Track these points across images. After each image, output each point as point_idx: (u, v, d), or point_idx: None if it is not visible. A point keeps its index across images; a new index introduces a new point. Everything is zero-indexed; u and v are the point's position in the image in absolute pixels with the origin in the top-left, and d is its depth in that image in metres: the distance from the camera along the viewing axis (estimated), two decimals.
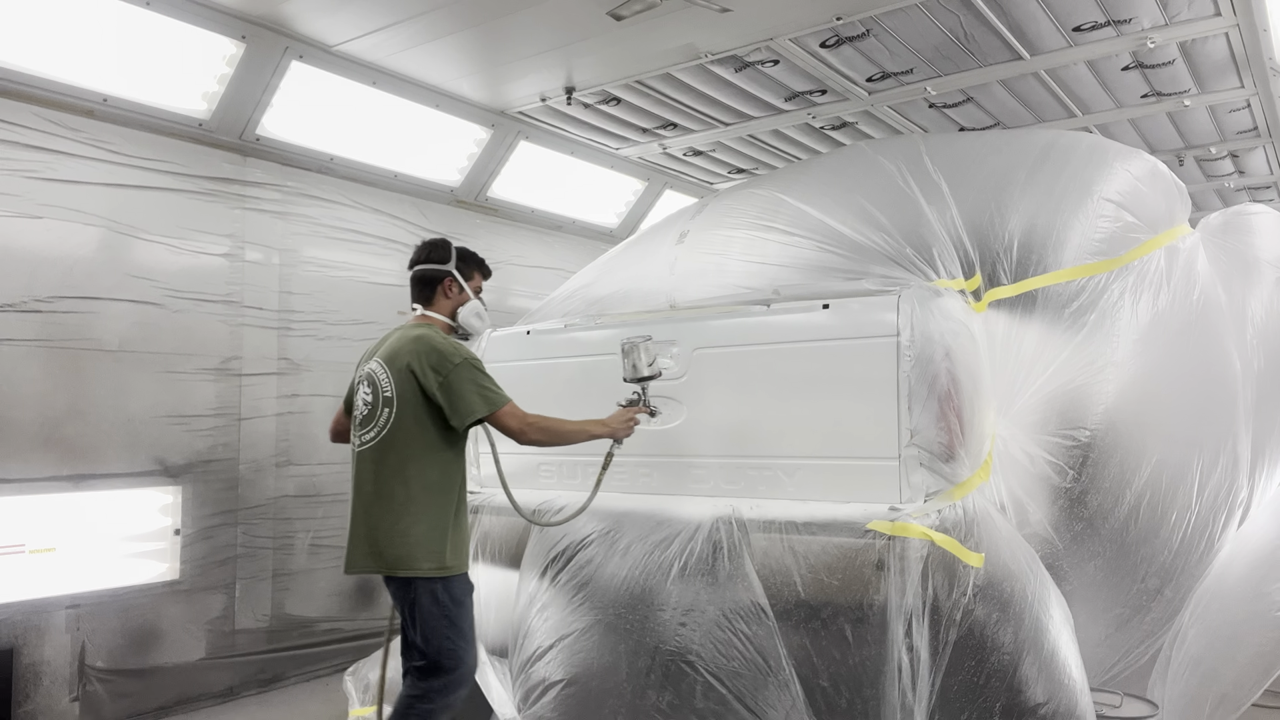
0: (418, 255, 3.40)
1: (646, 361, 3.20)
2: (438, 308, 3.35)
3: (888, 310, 2.95)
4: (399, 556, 3.04)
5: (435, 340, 3.13)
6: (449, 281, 3.35)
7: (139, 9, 4.24)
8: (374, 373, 3.17)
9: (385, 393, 3.11)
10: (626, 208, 7.55)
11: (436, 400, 3.05)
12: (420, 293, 3.37)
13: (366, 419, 3.15)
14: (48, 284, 4.24)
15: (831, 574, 2.83)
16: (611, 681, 3.17)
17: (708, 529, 3.11)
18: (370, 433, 3.13)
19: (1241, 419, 3.66)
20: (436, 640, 3.06)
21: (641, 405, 3.28)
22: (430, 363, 3.06)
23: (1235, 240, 4.08)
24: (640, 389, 3.27)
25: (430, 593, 3.05)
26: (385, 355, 3.18)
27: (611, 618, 3.20)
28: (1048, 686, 2.74)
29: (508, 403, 3.10)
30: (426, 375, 3.05)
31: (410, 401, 3.07)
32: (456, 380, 3.04)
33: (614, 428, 3.23)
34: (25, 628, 4.15)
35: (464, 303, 3.37)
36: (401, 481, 3.05)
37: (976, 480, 2.90)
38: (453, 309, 3.36)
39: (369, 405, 3.15)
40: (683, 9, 4.44)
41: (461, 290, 3.37)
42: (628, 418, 3.25)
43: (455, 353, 3.09)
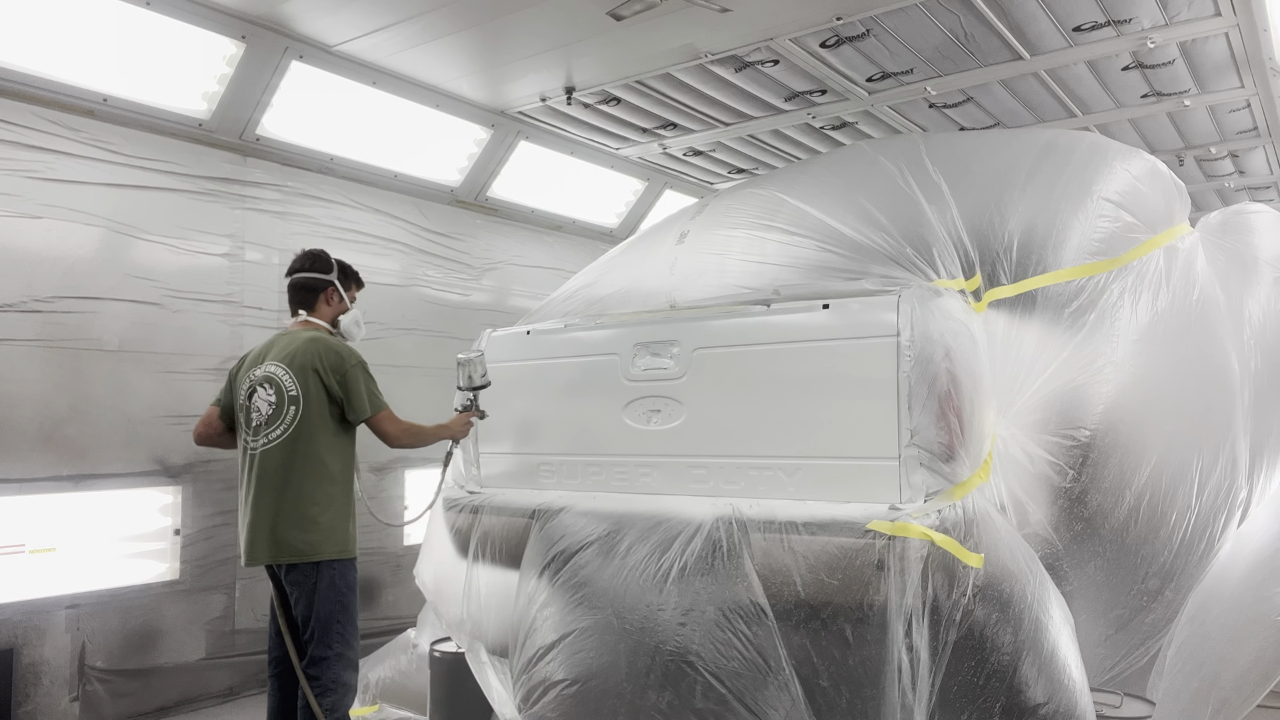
0: (299, 264, 3.65)
1: (480, 373, 3.63)
2: (320, 314, 3.63)
3: (888, 310, 2.94)
4: (309, 543, 3.30)
5: (331, 342, 3.46)
6: (330, 290, 3.65)
7: (139, 9, 4.25)
8: (275, 375, 3.39)
9: (290, 392, 3.36)
10: (626, 208, 7.56)
11: (338, 396, 3.38)
12: (303, 299, 3.62)
13: (272, 418, 3.36)
14: (48, 284, 4.25)
15: (831, 574, 2.83)
16: (612, 681, 3.17)
17: (708, 529, 3.11)
18: (277, 430, 3.34)
19: (1240, 419, 3.66)
20: (329, 624, 3.32)
21: (474, 410, 3.67)
22: (330, 364, 3.38)
23: (1234, 240, 4.08)
24: (472, 396, 3.66)
25: (330, 577, 3.33)
26: (282, 358, 3.41)
27: (612, 618, 3.20)
28: (1048, 687, 2.74)
29: (385, 408, 3.47)
30: (328, 374, 3.37)
31: (315, 398, 3.35)
32: (352, 380, 3.39)
33: (455, 430, 3.65)
34: (25, 628, 4.15)
35: (344, 311, 3.70)
36: (311, 473, 3.32)
37: (976, 480, 2.90)
38: (334, 316, 3.66)
39: (273, 405, 3.36)
40: (683, 9, 4.44)
41: (341, 299, 3.68)
42: (464, 421, 3.66)
43: (350, 355, 3.45)
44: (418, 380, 5.88)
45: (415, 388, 5.86)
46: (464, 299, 6.32)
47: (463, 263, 6.33)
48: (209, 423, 3.62)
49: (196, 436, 3.68)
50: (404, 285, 5.94)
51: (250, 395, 3.43)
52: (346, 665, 3.36)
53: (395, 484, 5.80)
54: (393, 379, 5.76)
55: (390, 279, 5.85)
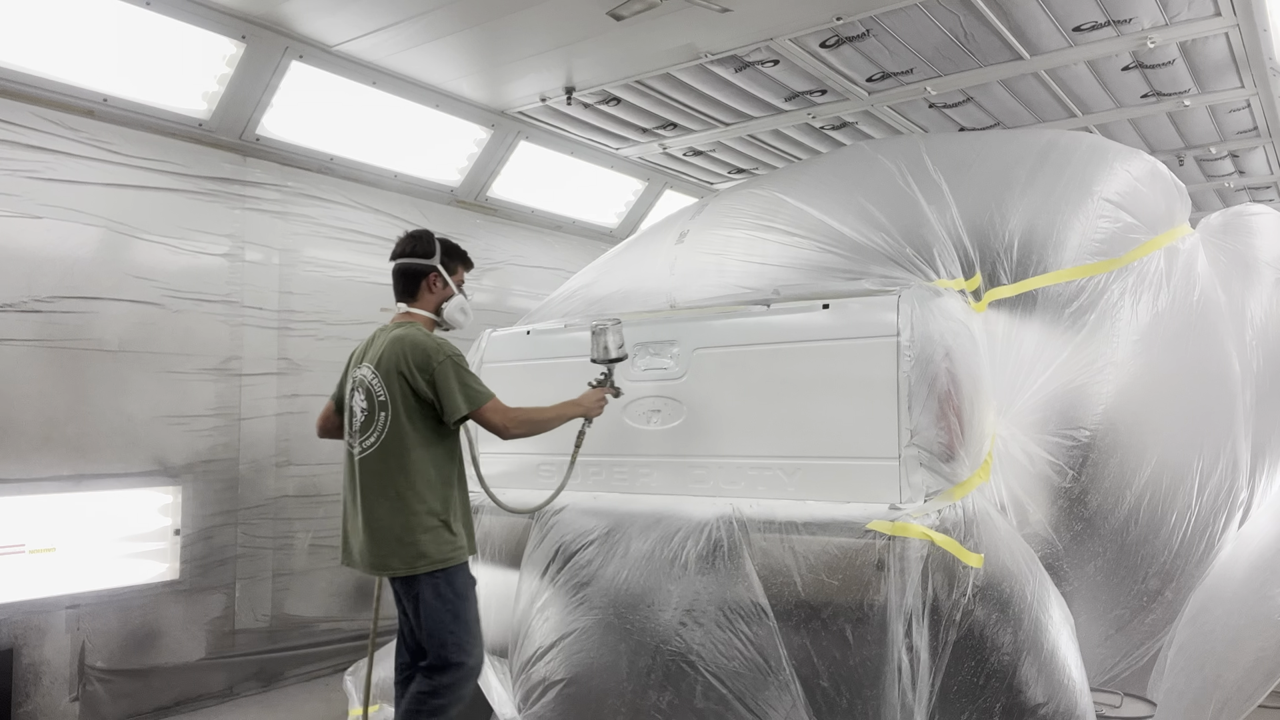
0: (400, 248, 3.36)
1: (616, 344, 3.33)
2: (422, 304, 3.34)
3: (888, 310, 2.95)
4: (405, 556, 3.07)
5: (419, 338, 3.14)
6: (433, 276, 3.33)
7: (139, 9, 4.24)
8: (366, 379, 3.19)
9: (379, 397, 3.13)
10: (626, 208, 7.55)
11: (428, 398, 3.08)
12: (404, 288, 3.36)
13: (365, 425, 3.17)
14: (48, 284, 4.24)
15: (831, 574, 2.83)
16: (612, 681, 3.17)
17: (708, 529, 3.11)
18: (370, 438, 3.14)
19: (1241, 420, 3.66)
20: (441, 634, 3.08)
21: (609, 386, 3.38)
22: (416, 362, 3.07)
23: (1235, 241, 4.08)
24: (608, 369, 3.37)
25: (433, 587, 3.08)
26: (374, 359, 3.19)
27: (612, 617, 3.20)
28: (1047, 687, 2.74)
29: (490, 399, 3.12)
30: (414, 375, 3.07)
31: (403, 403, 3.09)
32: (442, 377, 3.06)
33: (587, 407, 3.34)
34: (25, 628, 4.15)
35: (448, 298, 3.36)
36: (405, 482, 3.07)
37: (976, 480, 2.90)
38: (437, 304, 3.35)
39: (365, 412, 3.17)
40: (683, 9, 4.44)
41: (445, 285, 3.36)
42: (598, 397, 3.35)
43: (439, 350, 3.10)
44: None
45: None
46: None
47: None
48: (327, 417, 3.48)
49: (318, 430, 3.54)
50: None
51: (351, 396, 3.27)
52: (465, 676, 3.11)
53: None
54: None
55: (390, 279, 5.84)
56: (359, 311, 5.60)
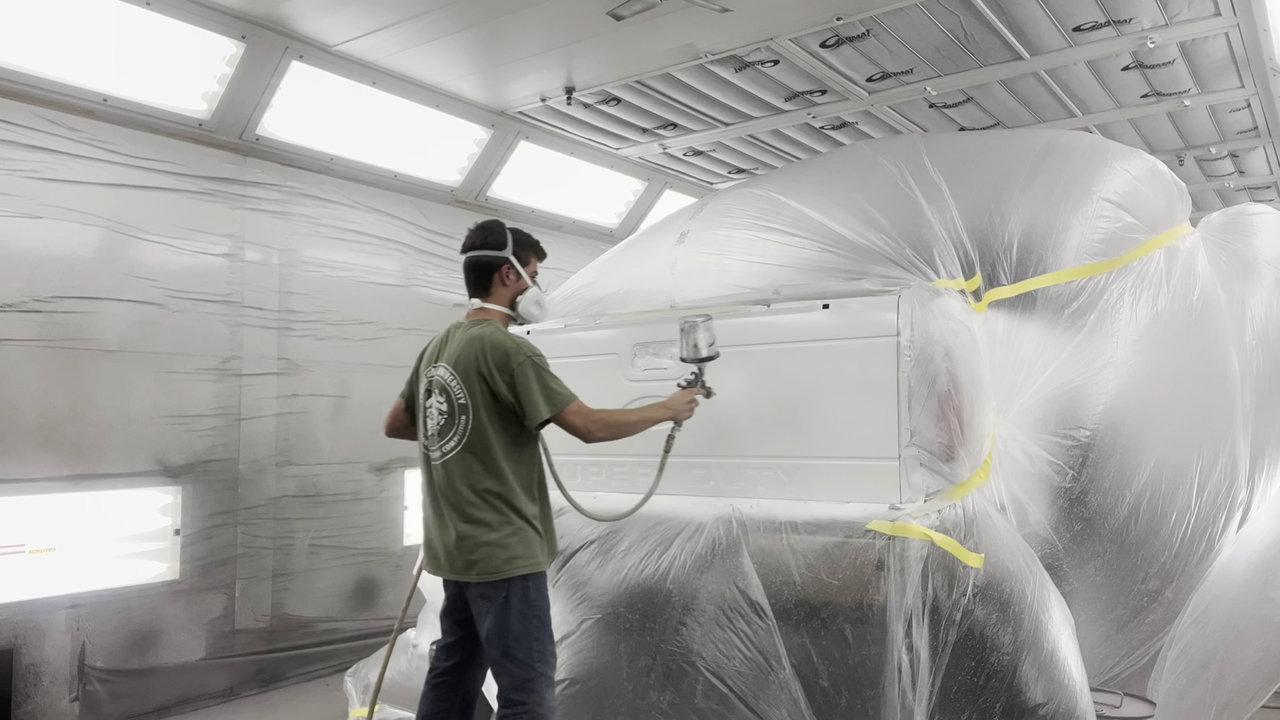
0: (471, 240, 3.19)
1: (706, 341, 3.11)
2: (496, 298, 3.16)
3: (888, 310, 2.95)
4: (495, 561, 2.91)
5: (497, 338, 2.98)
6: (506, 269, 3.16)
7: (139, 9, 4.24)
8: (444, 380, 3.03)
9: (459, 400, 2.98)
10: (626, 208, 7.55)
11: (509, 401, 2.93)
12: (476, 282, 3.18)
13: (445, 428, 3.00)
14: (48, 284, 4.24)
15: (831, 574, 2.84)
16: (612, 680, 3.17)
17: (708, 529, 3.11)
18: (451, 441, 2.98)
19: (1241, 420, 3.66)
20: (528, 642, 2.92)
21: (699, 386, 3.16)
22: (496, 363, 2.93)
23: (1235, 240, 4.08)
24: (698, 369, 3.16)
25: (523, 591, 2.92)
26: (451, 359, 3.03)
27: (612, 617, 3.20)
28: (1047, 687, 2.74)
29: (573, 400, 2.96)
30: (494, 376, 2.92)
31: (484, 406, 2.95)
32: (522, 379, 2.91)
33: (675, 409, 3.12)
34: (25, 628, 4.15)
35: (523, 290, 3.18)
36: (491, 486, 2.93)
37: (976, 480, 2.90)
38: (511, 298, 3.17)
39: (445, 414, 3.01)
40: (683, 9, 4.44)
41: (519, 277, 3.17)
42: (688, 399, 3.14)
43: (518, 351, 2.94)
44: None
45: None
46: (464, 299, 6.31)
47: None
48: (396, 415, 3.31)
49: (387, 429, 3.36)
50: (404, 285, 5.93)
51: (426, 396, 3.09)
52: (549, 685, 2.96)
53: (395, 484, 5.80)
54: (392, 379, 5.77)
55: (390, 279, 5.85)
56: (359, 311, 5.61)
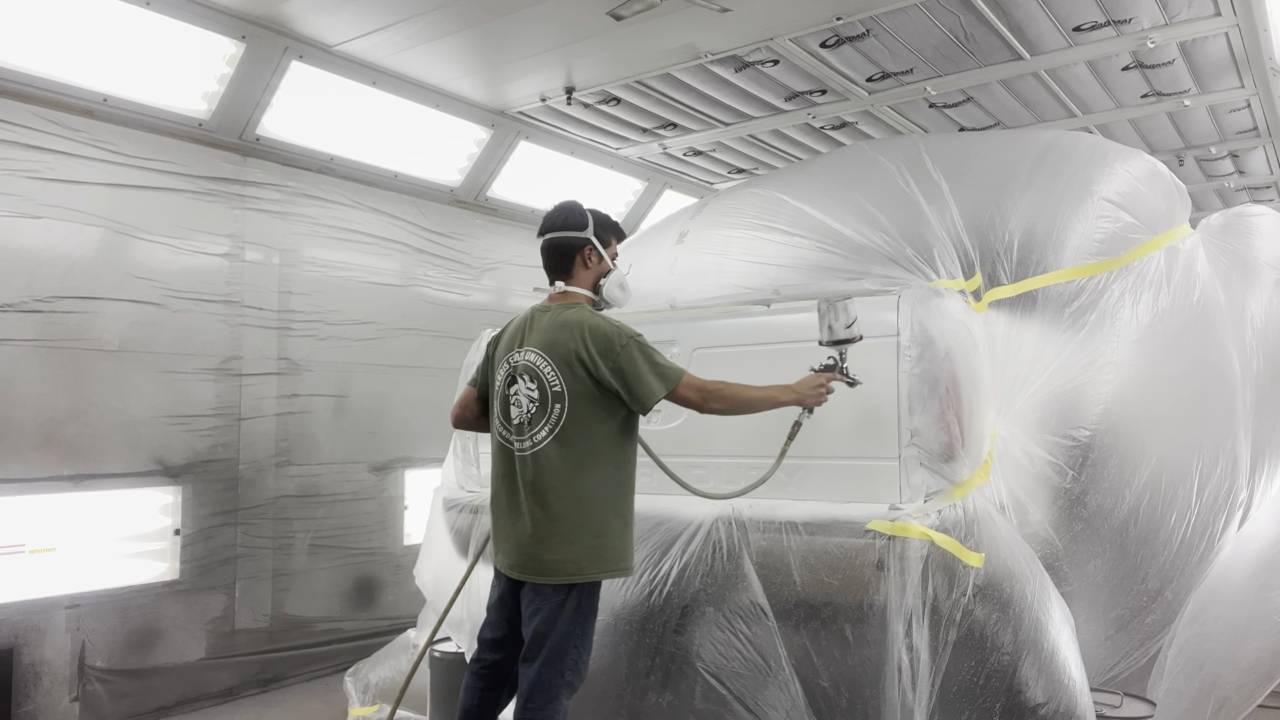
0: (550, 222, 3.02)
1: (844, 323, 2.86)
2: (578, 281, 2.99)
3: (888, 310, 2.95)
4: (576, 564, 2.77)
5: (596, 322, 2.83)
6: (588, 250, 2.98)
7: (139, 9, 4.24)
8: (535, 365, 2.84)
9: (554, 387, 2.80)
10: (626, 208, 7.55)
11: (612, 388, 2.77)
12: (558, 265, 3.00)
13: (536, 418, 2.82)
14: (48, 284, 4.24)
15: (831, 574, 2.83)
16: (612, 682, 3.17)
17: (708, 529, 3.11)
18: (542, 431, 2.81)
19: (1241, 420, 3.66)
20: (565, 648, 2.80)
21: (838, 372, 2.92)
22: (598, 348, 2.77)
23: (1235, 241, 4.08)
24: (838, 353, 2.91)
25: (578, 597, 2.80)
26: (542, 344, 2.85)
27: (612, 618, 3.20)
28: (1047, 687, 2.74)
29: (684, 374, 2.81)
30: (597, 363, 2.75)
31: (584, 394, 2.79)
32: (629, 362, 2.75)
33: (803, 394, 2.89)
34: (25, 628, 4.15)
35: (605, 273, 3.02)
36: (585, 484, 2.80)
37: (976, 480, 2.90)
38: (594, 281, 3.01)
39: (536, 402, 2.82)
40: (683, 9, 4.44)
41: (601, 259, 3.01)
42: (818, 383, 2.90)
43: (619, 333, 2.79)
44: (417, 381, 5.88)
45: (415, 388, 5.87)
46: (464, 299, 6.32)
47: (463, 263, 6.33)
48: (466, 405, 3.15)
49: (454, 420, 3.22)
50: (404, 285, 5.94)
51: (510, 384, 2.90)
52: (571, 693, 2.84)
53: (395, 484, 5.80)
54: (392, 379, 5.80)
55: (390, 279, 5.86)
56: (359, 311, 5.61)
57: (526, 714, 2.82)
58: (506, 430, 2.91)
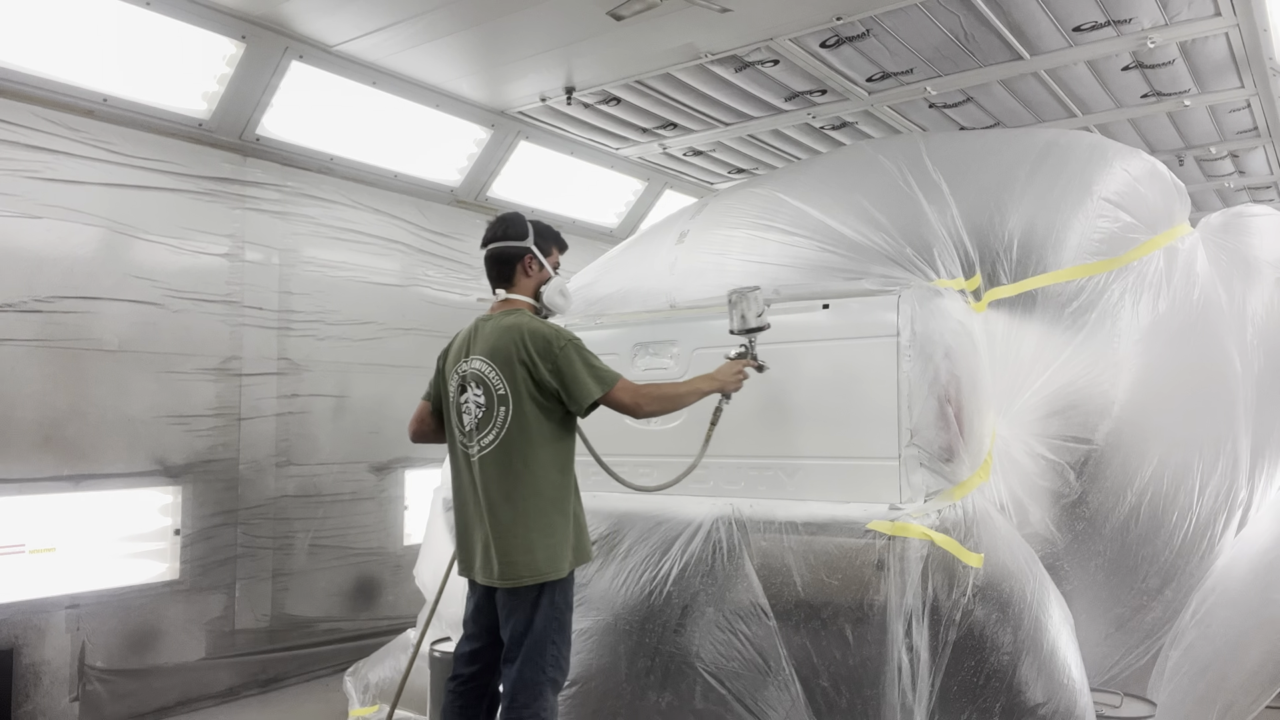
0: (491, 233, 3.15)
1: (755, 312, 3.05)
2: (520, 289, 3.12)
3: (888, 310, 2.95)
4: (533, 565, 2.84)
5: (535, 325, 2.94)
6: (529, 259, 3.11)
7: (139, 9, 4.24)
8: (481, 372, 2.94)
9: (499, 390, 2.90)
10: (626, 208, 7.55)
11: (551, 388, 2.87)
12: (500, 273, 3.13)
13: (483, 422, 2.92)
14: (48, 284, 4.24)
15: (831, 574, 2.83)
16: (612, 682, 3.17)
17: (708, 529, 3.11)
18: (489, 435, 2.90)
19: (1241, 419, 3.66)
20: (544, 646, 2.87)
21: (749, 358, 3.11)
22: (538, 350, 2.87)
23: (1235, 241, 4.08)
24: (748, 341, 3.11)
25: (549, 596, 2.87)
26: (486, 350, 2.96)
27: (611, 618, 3.20)
28: (1047, 686, 2.74)
29: (619, 379, 2.91)
30: (537, 364, 2.86)
31: (525, 396, 2.88)
32: (566, 363, 2.85)
33: (723, 381, 3.06)
34: (25, 628, 4.15)
35: (546, 280, 3.14)
36: (531, 485, 2.88)
37: (976, 480, 2.90)
38: (535, 288, 3.13)
39: (483, 407, 2.93)
40: (683, 9, 4.44)
41: (542, 267, 3.13)
42: (736, 370, 3.09)
43: (558, 335, 2.91)
44: (418, 381, 5.84)
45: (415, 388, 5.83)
46: (464, 299, 6.31)
47: (463, 263, 6.33)
48: (421, 419, 3.24)
49: (412, 434, 3.29)
50: (404, 285, 5.94)
51: (460, 392, 3.01)
52: (556, 690, 2.91)
53: (395, 484, 5.80)
54: (392, 379, 5.80)
55: (390, 279, 5.86)
56: (359, 311, 5.61)
57: (513, 713, 2.85)
58: (461, 437, 3.02)
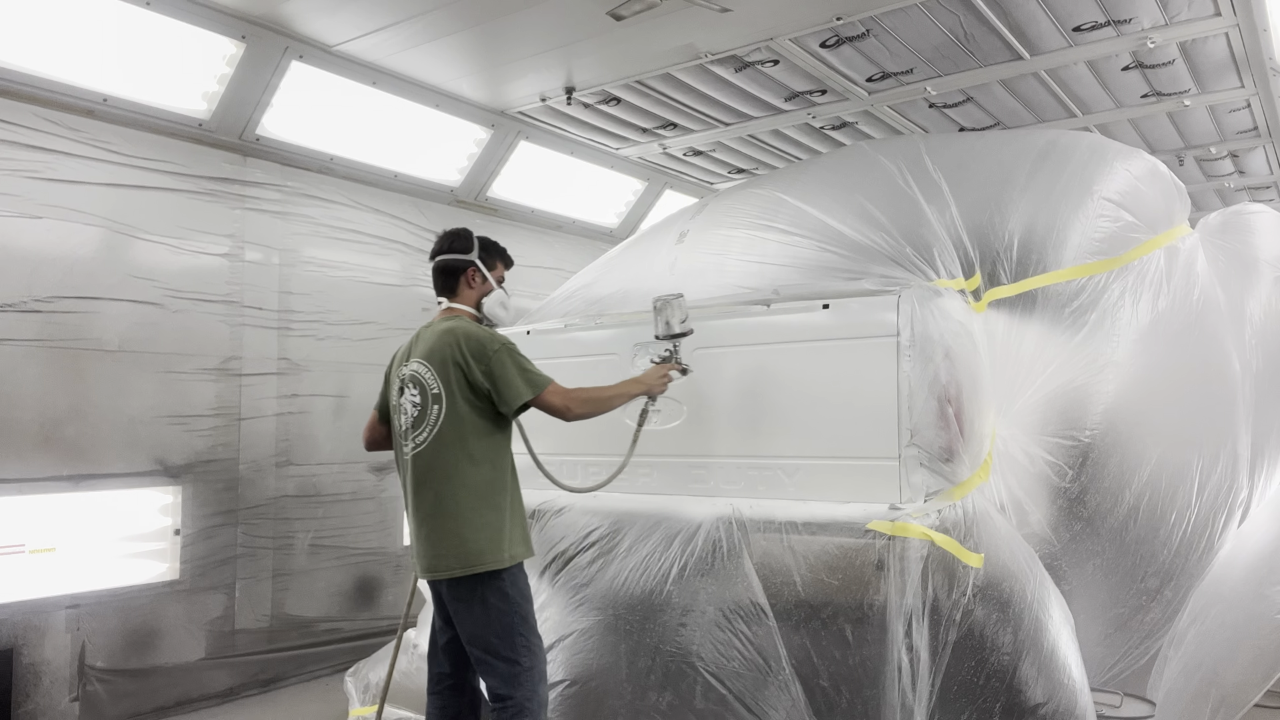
0: (439, 246, 3.33)
1: (679, 319, 3.24)
2: (462, 299, 3.29)
3: (888, 310, 2.95)
4: (463, 556, 2.95)
5: (470, 329, 3.09)
6: (472, 272, 3.29)
7: (139, 9, 4.24)
8: (418, 373, 3.09)
9: (433, 390, 3.04)
10: (626, 208, 7.55)
11: (484, 389, 3.00)
12: (444, 284, 3.31)
13: (418, 420, 3.06)
14: (48, 284, 4.24)
15: (831, 574, 2.84)
16: (612, 681, 3.17)
17: (708, 529, 3.11)
18: (423, 433, 3.04)
19: (1241, 419, 3.66)
20: (511, 637, 2.96)
21: (674, 362, 3.29)
22: (471, 351, 3.01)
23: (1234, 240, 4.08)
24: (673, 345, 3.29)
25: (498, 588, 2.96)
26: (423, 353, 3.10)
27: (611, 618, 3.20)
28: (1047, 686, 2.74)
29: (550, 383, 3.05)
30: (470, 366, 3.00)
31: (458, 395, 3.01)
32: (499, 366, 2.99)
33: (650, 384, 3.25)
34: (25, 628, 4.15)
35: (488, 293, 3.33)
36: (460, 477, 2.99)
37: (976, 480, 2.90)
38: (477, 299, 3.31)
39: (419, 406, 3.07)
40: (683, 9, 4.44)
41: (485, 280, 3.33)
42: (662, 374, 3.27)
43: (492, 339, 3.06)
44: None
45: None
46: None
47: None
48: (372, 428, 3.39)
49: (365, 443, 3.44)
50: (404, 285, 5.93)
51: (399, 394, 3.16)
52: (539, 679, 3.00)
53: (395, 484, 5.79)
54: None
55: (390, 279, 5.85)
56: (359, 311, 5.61)
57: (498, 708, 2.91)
58: (400, 438, 3.16)
